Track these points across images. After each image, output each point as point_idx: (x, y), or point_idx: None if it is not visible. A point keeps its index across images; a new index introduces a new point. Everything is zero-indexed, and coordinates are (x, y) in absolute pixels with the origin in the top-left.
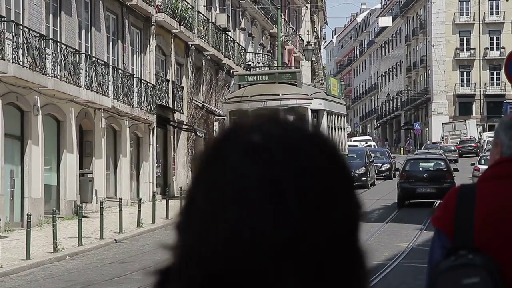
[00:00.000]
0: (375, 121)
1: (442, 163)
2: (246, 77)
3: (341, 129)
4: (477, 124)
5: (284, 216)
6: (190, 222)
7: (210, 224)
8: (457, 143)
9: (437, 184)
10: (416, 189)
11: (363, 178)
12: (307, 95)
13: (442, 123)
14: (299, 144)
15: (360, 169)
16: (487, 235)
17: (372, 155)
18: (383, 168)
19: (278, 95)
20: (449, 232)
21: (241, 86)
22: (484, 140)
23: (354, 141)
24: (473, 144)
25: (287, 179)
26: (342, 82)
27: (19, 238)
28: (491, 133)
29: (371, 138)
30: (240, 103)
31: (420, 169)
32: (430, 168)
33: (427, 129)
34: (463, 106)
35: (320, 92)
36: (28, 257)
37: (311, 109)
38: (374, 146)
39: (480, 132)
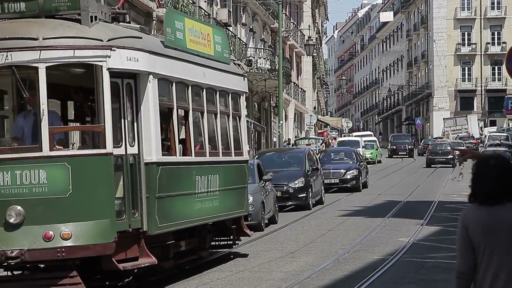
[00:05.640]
0: (376, 116)
1: (448, 146)
2: None
3: (227, 116)
4: (478, 120)
5: (502, 181)
6: (475, 181)
7: (483, 181)
8: (455, 139)
9: (446, 156)
10: (435, 159)
11: (301, 195)
12: (101, 40)
13: (443, 118)
14: (504, 163)
15: (296, 181)
16: None
17: (335, 157)
18: (348, 176)
19: (37, 39)
20: None
21: None
22: (485, 136)
23: (355, 136)
24: (474, 141)
25: (502, 172)
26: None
27: None
28: (493, 129)
29: (372, 133)
30: None
31: (437, 148)
32: (442, 148)
33: (428, 124)
34: (464, 101)
35: (140, 38)
36: None
37: (109, 69)
38: (375, 142)
39: (481, 128)
